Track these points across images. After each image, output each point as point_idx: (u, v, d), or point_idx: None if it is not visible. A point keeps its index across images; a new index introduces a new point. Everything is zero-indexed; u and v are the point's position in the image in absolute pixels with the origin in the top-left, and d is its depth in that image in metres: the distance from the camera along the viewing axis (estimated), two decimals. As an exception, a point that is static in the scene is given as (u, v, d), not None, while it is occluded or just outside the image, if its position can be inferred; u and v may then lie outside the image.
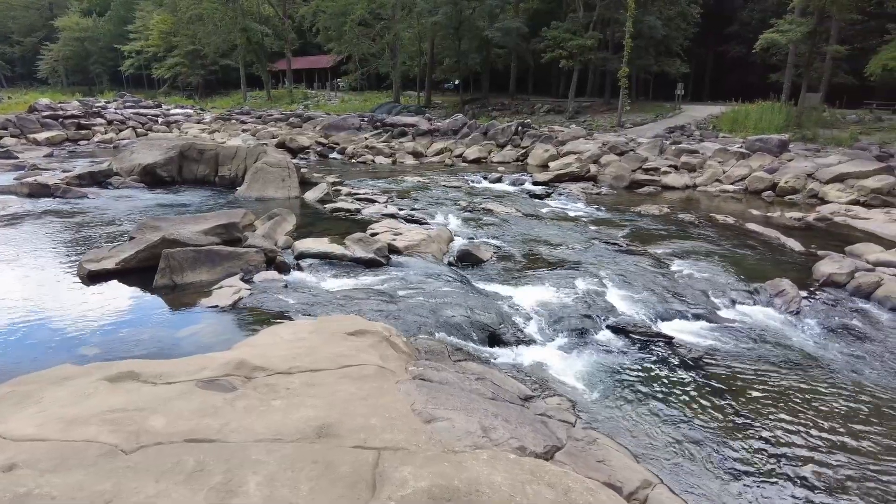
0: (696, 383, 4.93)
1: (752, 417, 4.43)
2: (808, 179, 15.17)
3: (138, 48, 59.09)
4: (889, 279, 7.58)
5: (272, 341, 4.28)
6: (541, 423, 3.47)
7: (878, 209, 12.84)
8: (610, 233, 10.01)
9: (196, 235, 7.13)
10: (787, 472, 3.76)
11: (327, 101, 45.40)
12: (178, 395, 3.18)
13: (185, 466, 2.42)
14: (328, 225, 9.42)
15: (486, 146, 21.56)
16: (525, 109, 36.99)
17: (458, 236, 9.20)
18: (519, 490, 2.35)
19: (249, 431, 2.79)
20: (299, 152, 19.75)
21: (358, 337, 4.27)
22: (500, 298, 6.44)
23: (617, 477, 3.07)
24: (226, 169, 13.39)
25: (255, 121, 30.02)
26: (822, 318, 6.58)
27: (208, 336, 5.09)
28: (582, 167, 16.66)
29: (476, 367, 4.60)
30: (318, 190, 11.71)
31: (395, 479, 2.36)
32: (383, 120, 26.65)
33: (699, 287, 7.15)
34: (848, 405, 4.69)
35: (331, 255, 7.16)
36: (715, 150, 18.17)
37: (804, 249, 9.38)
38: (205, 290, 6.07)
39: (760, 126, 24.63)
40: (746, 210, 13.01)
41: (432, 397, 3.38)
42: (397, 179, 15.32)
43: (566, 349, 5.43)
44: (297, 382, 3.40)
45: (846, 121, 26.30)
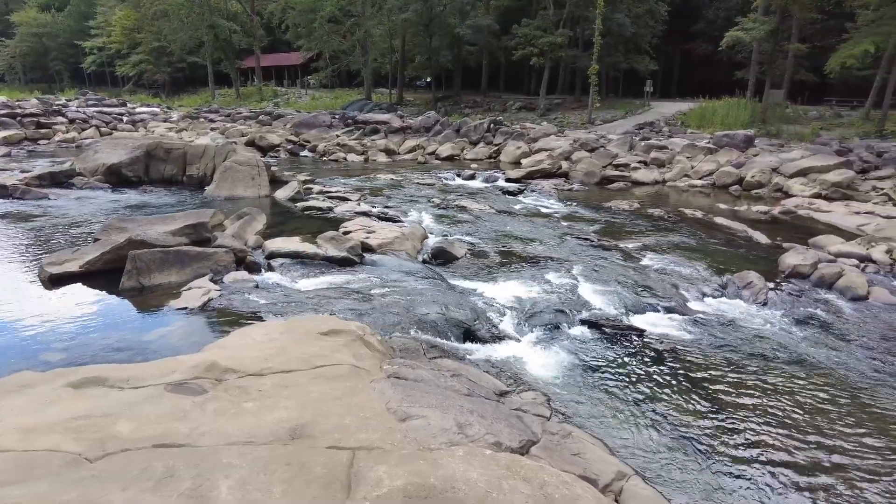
0: (668, 375, 5.01)
1: (722, 406, 4.52)
2: (772, 174, 15.57)
3: (100, 44, 57.35)
4: (849, 270, 7.82)
5: (243, 343, 4.20)
6: (516, 418, 3.48)
7: (838, 202, 13.25)
8: (582, 228, 10.10)
9: (164, 236, 6.96)
10: (756, 458, 3.85)
11: (297, 99, 44.82)
12: (146, 400, 3.10)
13: (154, 473, 2.36)
14: (300, 224, 9.30)
15: (459, 143, 21.57)
16: (497, 107, 37.10)
17: (431, 234, 9.18)
18: (495, 486, 2.35)
19: (221, 434, 2.73)
20: (269, 150, 19.47)
21: (331, 336, 4.22)
22: (474, 295, 6.45)
23: (592, 470, 3.10)
24: (194, 168, 13.11)
25: (223, 119, 29.49)
26: (788, 308, 6.75)
27: (177, 338, 4.98)
28: (554, 164, 16.79)
29: (451, 364, 4.59)
30: (289, 188, 11.55)
31: (371, 478, 2.34)
32: (355, 117, 26.42)
33: (669, 280, 7.27)
34: (813, 391, 4.82)
35: (302, 254, 7.06)
36: (683, 146, 18.51)
37: (770, 242, 9.62)
38: (173, 291, 5.93)
39: (727, 122, 25.18)
40: (714, 204, 13.29)
41: (407, 395, 3.36)
42: (370, 177, 15.22)
43: (540, 344, 5.46)
44: (270, 384, 3.34)
45: (808, 117, 27.05)
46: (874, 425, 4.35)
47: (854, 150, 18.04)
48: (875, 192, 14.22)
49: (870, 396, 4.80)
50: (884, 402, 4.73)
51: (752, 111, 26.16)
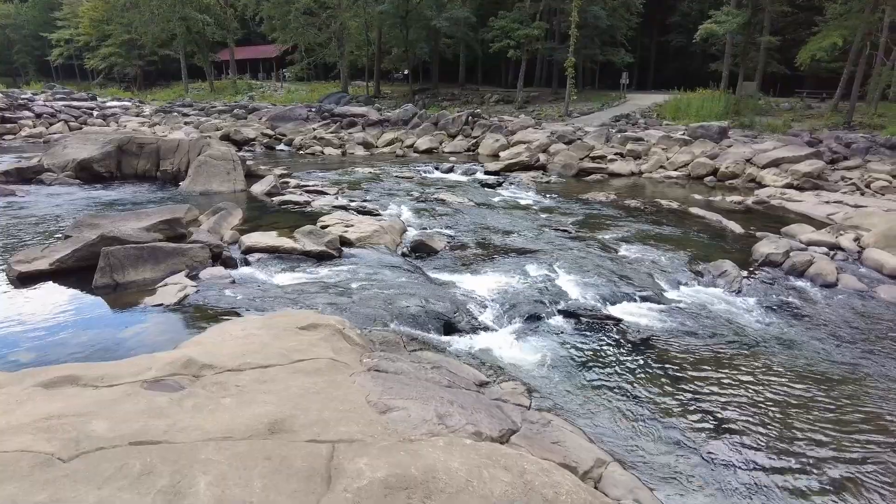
0: (645, 362, 5.08)
1: (698, 393, 4.60)
2: (746, 165, 15.84)
3: (67, 36, 55.70)
4: (819, 258, 8.01)
5: (221, 338, 4.15)
6: (496, 408, 3.50)
7: (809, 192, 13.55)
8: (560, 220, 10.17)
9: (138, 232, 6.85)
10: (730, 441, 3.93)
11: (273, 92, 44.19)
12: (121, 398, 3.05)
13: (131, 471, 2.32)
14: (276, 218, 9.20)
15: (438, 136, 21.51)
16: (475, 99, 37.07)
17: (411, 227, 9.16)
18: (476, 474, 2.36)
19: (199, 431, 2.70)
20: (245, 145, 19.20)
21: (310, 331, 4.20)
22: (454, 287, 6.46)
23: (572, 457, 3.14)
24: (168, 163, 12.88)
25: (197, 113, 28.94)
26: (762, 296, 6.90)
27: (153, 335, 4.90)
28: (531, 156, 16.85)
29: (432, 356, 4.60)
30: (266, 182, 11.41)
31: (351, 470, 2.34)
32: (332, 110, 26.16)
33: (646, 270, 7.36)
34: (785, 376, 4.93)
35: (280, 248, 7.00)
36: (659, 138, 18.72)
37: (744, 231, 9.80)
38: (148, 288, 5.84)
39: (702, 114, 25.54)
40: (689, 195, 13.48)
41: (387, 388, 3.36)
42: (348, 171, 15.11)
43: (520, 335, 5.50)
44: (248, 379, 3.31)
45: (780, 108, 27.58)
46: (842, 407, 4.47)
47: (824, 142, 18.47)
48: (844, 181, 14.58)
49: (839, 379, 4.94)
50: (851, 384, 4.86)
51: (726, 103, 26.56)
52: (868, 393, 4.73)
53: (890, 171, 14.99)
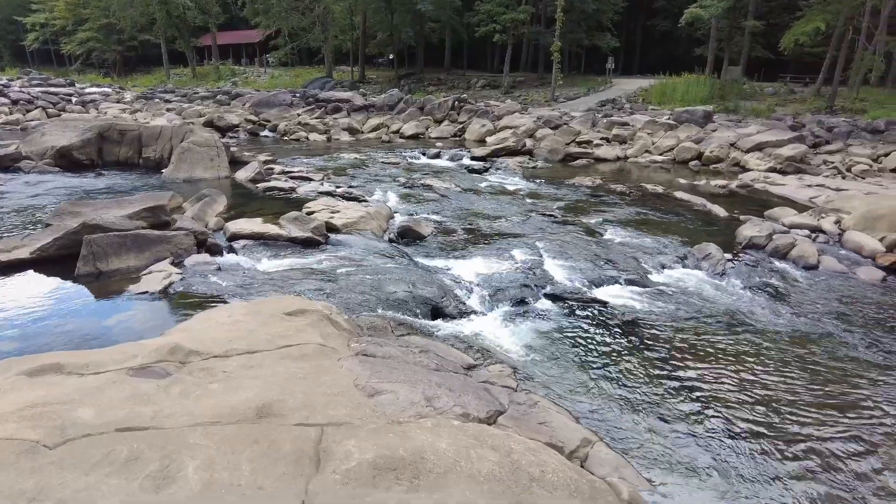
0: (630, 344, 5.15)
1: (682, 373, 4.67)
2: (730, 149, 15.97)
3: (42, 20, 54.25)
4: (801, 240, 8.12)
5: (207, 325, 4.13)
6: (484, 391, 3.54)
7: (792, 175, 13.70)
8: (546, 205, 10.20)
9: (120, 220, 6.75)
10: (713, 420, 4.01)
11: (256, 78, 43.57)
12: (107, 385, 3.03)
13: (118, 457, 2.32)
14: (262, 205, 9.13)
15: (424, 122, 21.40)
16: (461, 84, 36.86)
17: (397, 213, 9.13)
18: (463, 455, 2.39)
19: (186, 416, 2.69)
20: (228, 131, 18.97)
21: (297, 317, 4.19)
22: (441, 272, 6.47)
23: (558, 437, 3.18)
24: (150, 150, 12.69)
25: (180, 99, 28.50)
26: (745, 277, 6.99)
27: (139, 323, 4.87)
28: (518, 142, 16.84)
29: (419, 341, 4.62)
30: (250, 169, 11.30)
31: (340, 453, 2.35)
32: (316, 96, 25.87)
33: (631, 254, 7.42)
34: (767, 356, 5.02)
35: (265, 235, 6.95)
36: (645, 122, 18.78)
37: (728, 215, 9.90)
38: (133, 276, 5.78)
39: (687, 98, 25.65)
40: (675, 179, 13.57)
41: (375, 372, 3.37)
42: (333, 156, 14.99)
43: (507, 318, 5.53)
44: (235, 365, 3.31)
45: (764, 93, 27.74)
46: (822, 384, 4.57)
47: (807, 126, 18.65)
48: (826, 165, 14.76)
49: (819, 358, 5.04)
50: (831, 362, 4.96)
51: (710, 87, 26.68)
52: (846, 370, 4.84)
53: (870, 154, 15.20)
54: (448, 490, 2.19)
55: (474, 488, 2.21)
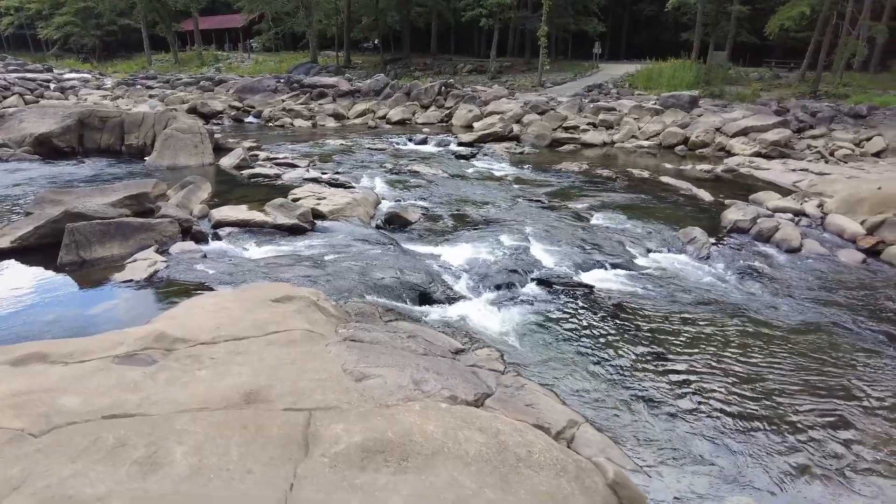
0: (616, 327, 5.20)
1: (666, 355, 4.74)
2: (716, 133, 16.06)
3: (17, 3, 52.83)
4: (785, 224, 8.23)
5: (193, 312, 4.10)
6: (471, 374, 3.56)
7: (776, 160, 13.83)
8: (533, 191, 10.22)
9: (103, 208, 6.66)
10: (697, 401, 4.07)
11: (240, 64, 42.94)
12: (92, 373, 3.01)
13: (105, 444, 2.31)
14: (247, 192, 9.04)
15: (410, 107, 21.25)
16: (448, 69, 36.62)
17: (384, 199, 9.10)
18: (451, 436, 2.41)
19: (173, 403, 2.69)
20: (212, 117, 18.70)
21: (284, 303, 4.18)
22: (429, 258, 6.47)
23: (545, 418, 3.22)
24: (133, 137, 12.49)
25: (162, 85, 28.00)
26: (729, 261, 7.07)
27: (124, 312, 4.82)
28: (505, 127, 16.80)
29: (407, 326, 4.63)
30: (235, 156, 11.17)
31: (328, 436, 2.36)
32: (301, 81, 25.56)
33: (617, 238, 7.47)
34: (750, 337, 5.10)
35: (251, 222, 6.90)
36: (631, 108, 18.81)
37: (713, 199, 9.98)
38: (117, 264, 5.72)
39: (673, 83, 25.71)
40: (660, 164, 13.64)
41: (363, 357, 3.38)
42: (318, 143, 14.87)
43: (494, 303, 5.56)
44: (222, 351, 3.30)
45: (749, 78, 27.91)
46: (805, 365, 4.66)
47: (791, 111, 18.77)
48: (809, 150, 14.90)
49: (801, 339, 5.13)
50: (812, 343, 5.06)
51: (696, 72, 26.76)
52: (827, 351, 4.93)
53: (853, 139, 15.36)
54: (436, 471, 2.21)
55: (462, 469, 2.23)
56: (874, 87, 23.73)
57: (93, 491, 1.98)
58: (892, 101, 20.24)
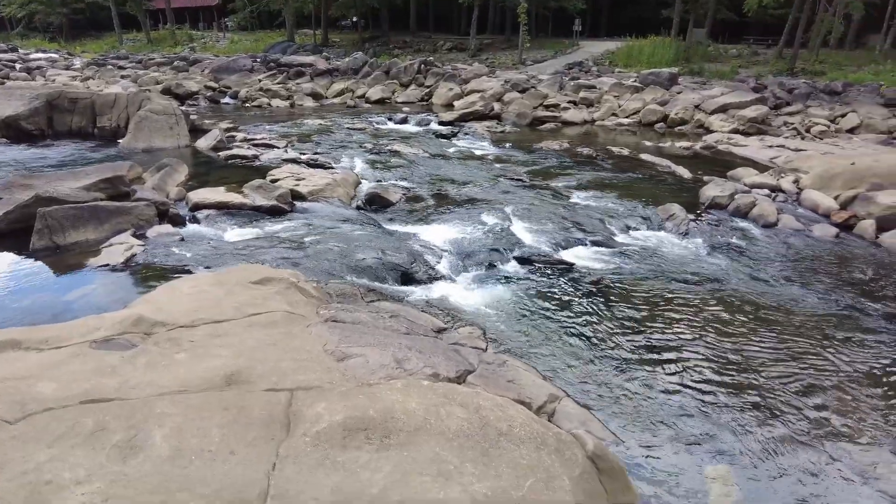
0: (596, 303, 5.26)
1: (647, 330, 4.81)
2: (695, 111, 16.15)
3: (-22, -19, 50.85)
4: (762, 199, 8.34)
5: (172, 296, 4.05)
6: (453, 352, 3.58)
7: (754, 136, 13.98)
8: (515, 170, 10.21)
9: (76, 192, 6.51)
10: (677, 374, 4.16)
11: (215, 43, 41.95)
12: (69, 359, 2.97)
13: (83, 428, 2.28)
14: (224, 173, 8.90)
15: (390, 86, 21.01)
16: (427, 47, 36.17)
17: (365, 179, 9.03)
18: (433, 413, 2.43)
19: (153, 386, 2.67)
20: (188, 98, 18.31)
21: (264, 285, 4.15)
22: (410, 238, 6.46)
23: (526, 394, 3.26)
24: (105, 119, 12.17)
25: (134, 66, 27.27)
26: (707, 237, 7.17)
27: (101, 297, 4.75)
28: (486, 106, 16.70)
29: (390, 306, 4.63)
30: (211, 137, 10.97)
31: (310, 416, 2.37)
32: (278, 60, 25.07)
33: (597, 216, 7.52)
34: (728, 311, 5.20)
35: (229, 204, 6.80)
36: (611, 85, 18.80)
37: (692, 176, 10.08)
38: (92, 249, 5.61)
39: (653, 60, 25.70)
40: (640, 142, 13.70)
41: (345, 337, 3.38)
42: (297, 123, 14.65)
43: (476, 282, 5.58)
44: (202, 334, 3.27)
45: (728, 55, 28.01)
46: (780, 336, 4.77)
47: (768, 87, 18.92)
48: (786, 126, 15.07)
49: (778, 312, 5.24)
50: (787, 316, 5.17)
51: (676, 50, 26.78)
52: (800, 323, 5.05)
53: (828, 115, 15.56)
54: (418, 447, 2.23)
55: (444, 444, 2.25)
56: (849, 64, 23.99)
57: (71, 475, 1.97)
58: (867, 77, 20.51)
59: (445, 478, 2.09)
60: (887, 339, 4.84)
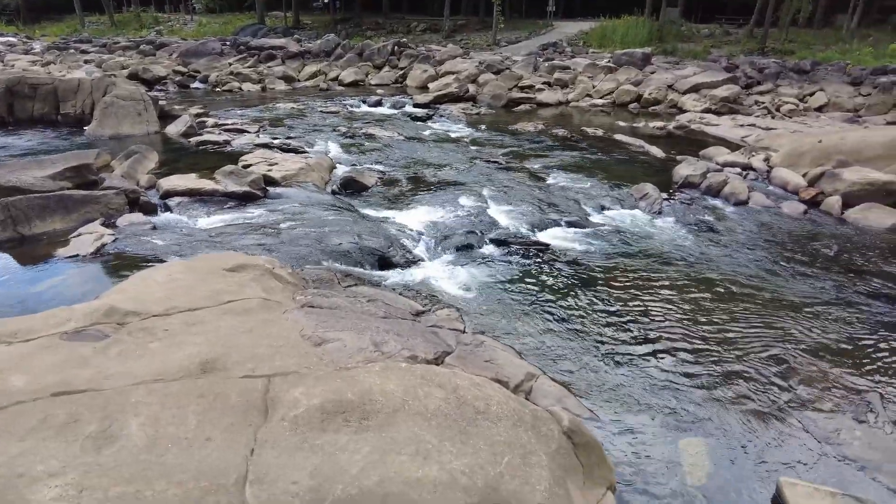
0: (572, 283, 5.32)
1: (621, 308, 4.89)
2: (668, 91, 16.30)
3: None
4: (733, 178, 8.49)
5: (145, 285, 3.99)
6: (432, 334, 3.60)
7: (726, 116, 14.17)
8: (490, 152, 10.21)
9: (41, 181, 6.34)
10: (652, 351, 4.24)
11: (182, 26, 40.83)
12: (39, 351, 2.91)
13: (55, 421, 2.25)
14: (195, 160, 8.73)
15: (363, 68, 20.75)
16: (401, 29, 35.74)
17: (339, 164, 8.94)
18: (411, 394, 2.45)
19: (127, 376, 2.63)
20: (156, 83, 17.84)
21: (238, 272, 4.10)
22: (387, 222, 6.44)
23: (503, 373, 3.30)
24: (69, 105, 11.81)
25: (98, 50, 26.41)
26: (681, 215, 7.29)
27: (71, 288, 4.65)
28: (461, 87, 16.62)
29: (367, 291, 4.62)
30: (181, 123, 10.73)
31: (287, 400, 2.37)
32: (248, 43, 24.54)
33: (572, 197, 7.58)
34: (701, 287, 5.31)
35: (201, 191, 6.69)
36: (585, 66, 18.85)
37: (665, 155, 10.19)
38: (60, 239, 5.48)
39: (627, 41, 25.79)
40: (614, 122, 13.79)
41: (322, 322, 3.37)
42: (269, 107, 14.41)
43: (454, 264, 5.60)
44: (176, 322, 3.23)
45: (700, 35, 28.21)
46: (750, 311, 4.89)
47: (740, 67, 19.16)
48: (757, 105, 15.31)
49: (749, 288, 5.37)
50: (757, 291, 5.30)
51: (649, 30, 26.90)
52: (769, 298, 5.18)
53: (797, 94, 15.85)
54: (397, 427, 2.25)
55: (422, 424, 2.28)
56: (817, 42, 24.38)
57: (44, 468, 1.94)
58: (834, 56, 20.87)
59: (424, 457, 2.11)
60: (850, 311, 5.00)
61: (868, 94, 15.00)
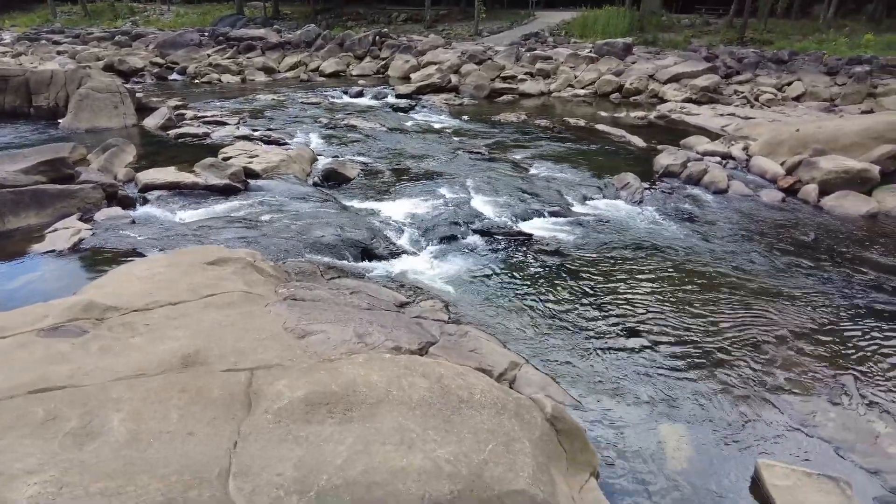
0: (554, 272, 5.36)
1: (604, 297, 4.94)
2: (649, 81, 16.39)
3: None
4: (713, 167, 8.58)
5: (124, 280, 3.93)
6: (416, 325, 3.61)
7: (706, 105, 14.30)
8: (473, 142, 10.20)
9: (14, 175, 6.19)
10: (634, 340, 4.29)
11: (159, 16, 40.01)
12: (14, 349, 2.85)
13: (34, 418, 2.22)
14: (174, 152, 8.60)
15: (344, 58, 20.56)
16: (382, 19, 35.43)
17: (321, 155, 8.87)
18: (395, 384, 2.46)
19: (108, 372, 2.60)
20: (132, 75, 17.50)
21: (219, 266, 4.06)
22: (370, 214, 6.42)
23: (487, 362, 3.32)
24: (42, 98, 11.54)
25: (72, 41, 25.79)
26: (662, 204, 7.36)
27: (48, 283, 4.58)
28: (443, 78, 16.54)
29: (351, 283, 4.61)
30: (160, 115, 10.56)
31: (271, 393, 2.36)
32: (227, 34, 24.15)
33: (555, 187, 7.61)
34: (681, 276, 5.38)
35: (180, 184, 6.60)
36: (567, 56, 18.86)
37: (646, 145, 10.27)
38: (35, 235, 5.38)
39: (608, 31, 25.85)
40: (596, 112, 13.84)
41: (305, 314, 3.36)
42: (249, 98, 14.22)
43: (437, 255, 5.60)
44: (157, 317, 3.19)
45: (680, 24, 28.37)
46: (729, 298, 4.97)
47: (720, 57, 19.31)
48: (736, 95, 15.46)
49: (728, 275, 5.45)
50: (736, 278, 5.38)
51: (631, 19, 26.99)
52: (748, 285, 5.27)
53: (775, 84, 16.03)
54: (381, 418, 2.26)
55: (406, 413, 2.29)
56: (795, 33, 24.65)
57: (22, 465, 1.91)
58: (811, 46, 21.14)
59: (408, 446, 2.12)
60: (826, 296, 5.10)
61: (843, 84, 15.22)
